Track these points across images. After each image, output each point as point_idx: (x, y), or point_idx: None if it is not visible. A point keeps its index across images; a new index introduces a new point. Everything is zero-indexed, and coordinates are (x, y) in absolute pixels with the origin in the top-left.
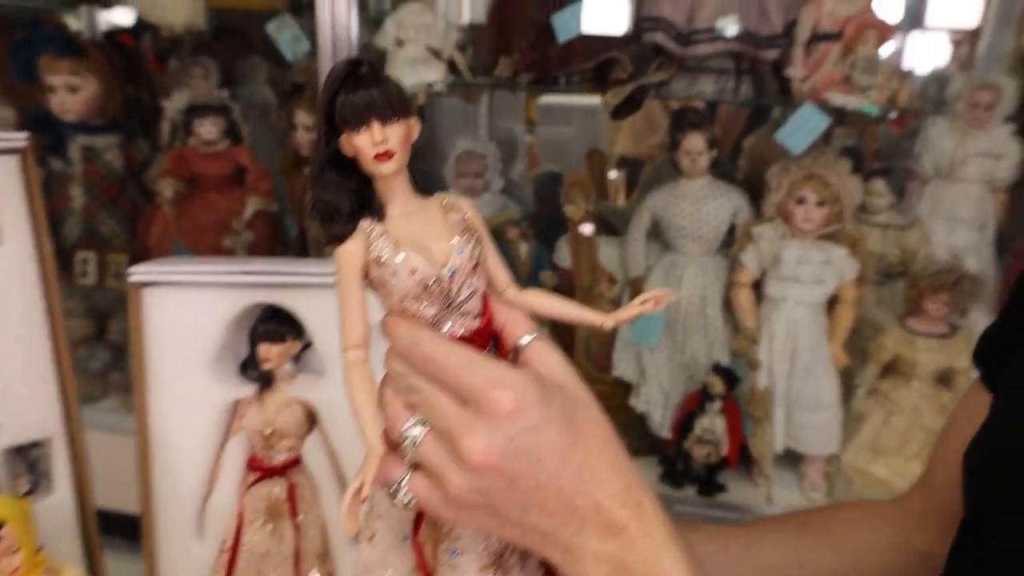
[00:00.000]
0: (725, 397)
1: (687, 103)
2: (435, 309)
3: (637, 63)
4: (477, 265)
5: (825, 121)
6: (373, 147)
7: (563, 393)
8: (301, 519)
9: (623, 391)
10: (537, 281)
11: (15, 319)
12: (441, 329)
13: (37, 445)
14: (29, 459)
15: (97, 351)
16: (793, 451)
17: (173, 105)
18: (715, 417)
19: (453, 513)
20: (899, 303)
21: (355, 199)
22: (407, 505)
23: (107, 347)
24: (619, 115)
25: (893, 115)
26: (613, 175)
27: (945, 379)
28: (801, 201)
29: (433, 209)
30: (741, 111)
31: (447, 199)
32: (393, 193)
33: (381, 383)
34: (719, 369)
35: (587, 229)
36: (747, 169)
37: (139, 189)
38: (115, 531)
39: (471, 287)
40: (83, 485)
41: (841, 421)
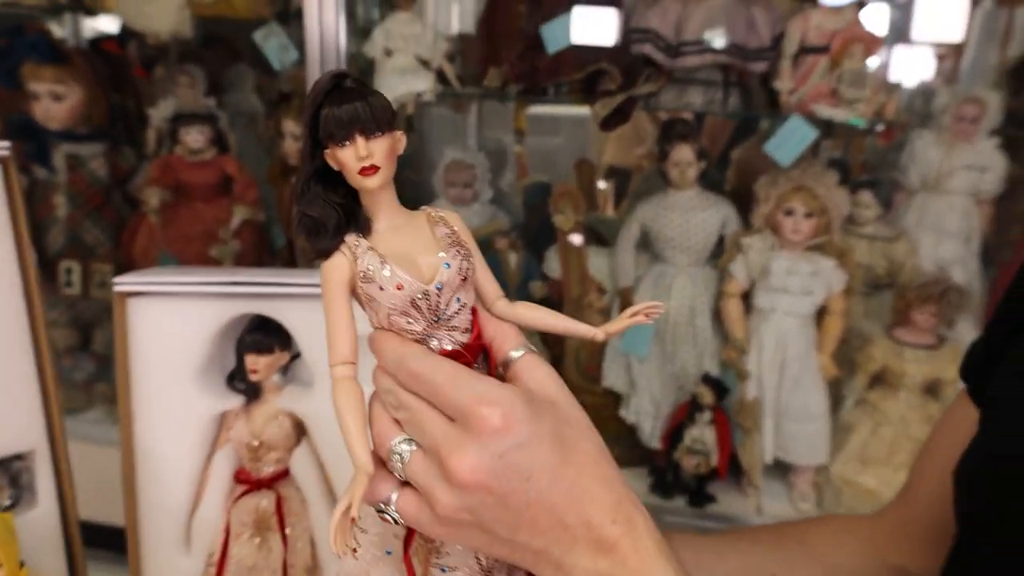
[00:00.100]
0: (715, 408)
1: (675, 114)
2: (423, 324)
3: (626, 74)
4: (465, 279)
5: (813, 133)
6: (358, 162)
7: (553, 409)
8: (289, 532)
9: (613, 402)
10: (526, 291)
11: None
12: (429, 344)
13: (20, 458)
14: (11, 472)
15: (81, 361)
16: (782, 462)
17: (159, 113)
18: (705, 428)
19: (442, 531)
20: (887, 314)
21: (341, 213)
22: (397, 522)
23: (91, 357)
24: (608, 126)
25: (880, 128)
26: (602, 185)
27: (933, 390)
28: (789, 213)
29: (420, 222)
30: (727, 122)
31: (434, 212)
32: (379, 207)
33: (370, 399)
34: (709, 380)
35: (576, 239)
36: (735, 180)
37: (124, 198)
38: (100, 544)
39: (459, 301)
40: (67, 498)
41: (830, 432)
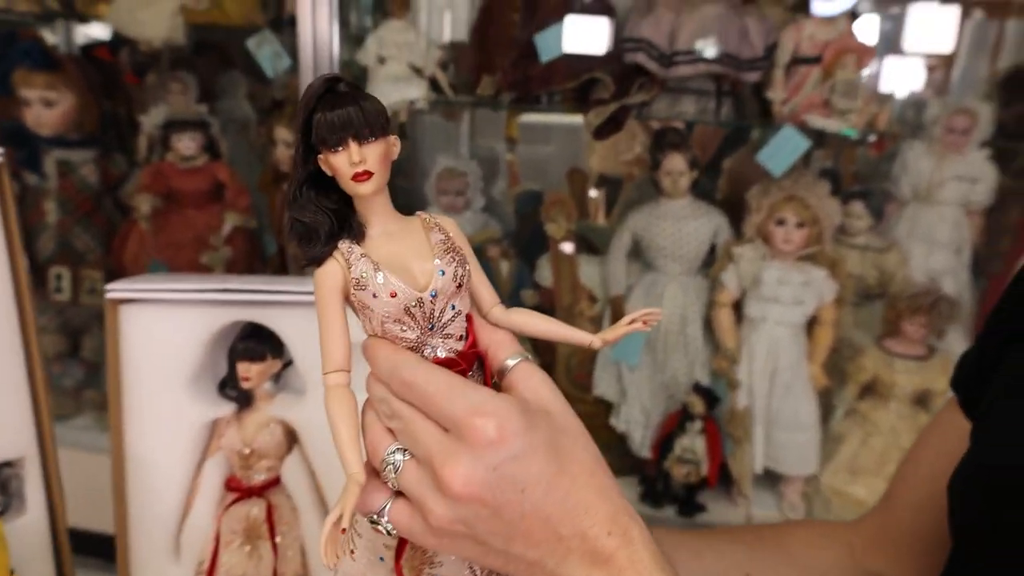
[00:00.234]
0: (705, 417)
1: (668, 123)
2: (417, 331)
3: (619, 83)
4: (460, 286)
5: (805, 143)
6: (351, 167)
7: (548, 419)
8: (280, 540)
9: (604, 410)
10: (518, 299)
11: None
12: (423, 352)
13: (9, 465)
14: (1, 479)
15: (70, 368)
16: (772, 471)
17: (150, 120)
18: (695, 437)
19: (435, 541)
20: (877, 324)
21: (334, 219)
22: (390, 533)
23: (81, 364)
24: (601, 135)
25: (872, 138)
26: (593, 194)
27: (923, 400)
28: (781, 222)
29: (415, 228)
30: (717, 131)
31: (429, 217)
32: (373, 212)
33: (363, 407)
34: (699, 389)
35: (568, 248)
36: (727, 190)
37: (115, 204)
38: (89, 552)
39: (454, 309)
40: (56, 505)
41: (820, 442)
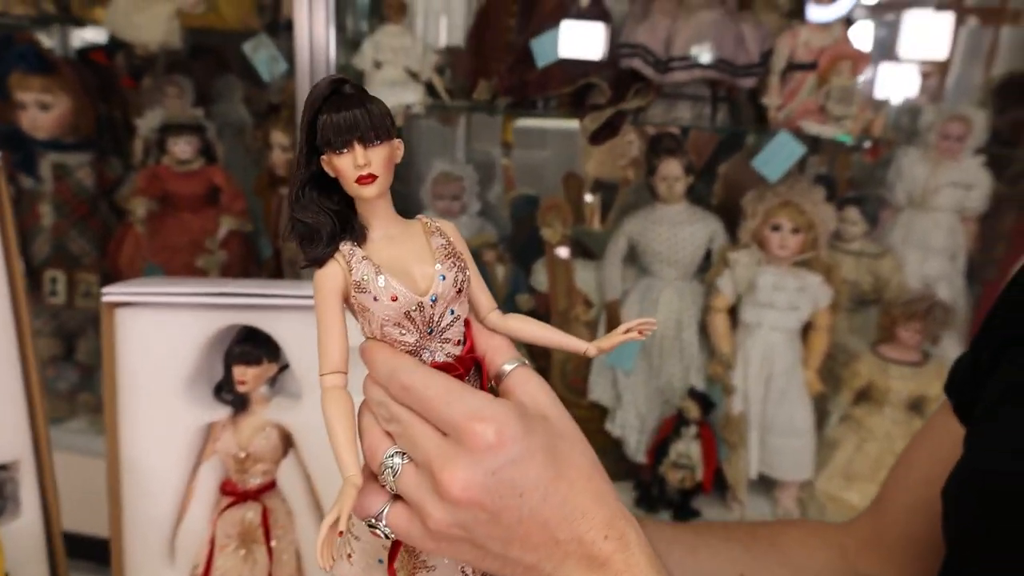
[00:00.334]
0: (700, 422)
1: (663, 129)
2: (416, 335)
3: (615, 88)
4: (460, 291)
5: (800, 149)
6: (355, 170)
7: (546, 424)
8: (275, 544)
9: (599, 415)
10: (513, 304)
11: None
12: (421, 356)
13: (4, 468)
14: None
15: (65, 371)
16: (767, 477)
17: (146, 124)
18: (690, 442)
19: (433, 545)
20: (872, 330)
21: (336, 221)
22: (388, 537)
23: (75, 367)
24: (597, 140)
25: (867, 145)
26: (589, 199)
27: (917, 406)
28: (776, 228)
29: (416, 232)
30: (712, 136)
31: (430, 222)
32: (375, 215)
33: (360, 410)
34: (695, 394)
35: (563, 252)
36: (723, 195)
37: (110, 208)
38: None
39: (453, 314)
40: (51, 509)
41: (815, 447)
